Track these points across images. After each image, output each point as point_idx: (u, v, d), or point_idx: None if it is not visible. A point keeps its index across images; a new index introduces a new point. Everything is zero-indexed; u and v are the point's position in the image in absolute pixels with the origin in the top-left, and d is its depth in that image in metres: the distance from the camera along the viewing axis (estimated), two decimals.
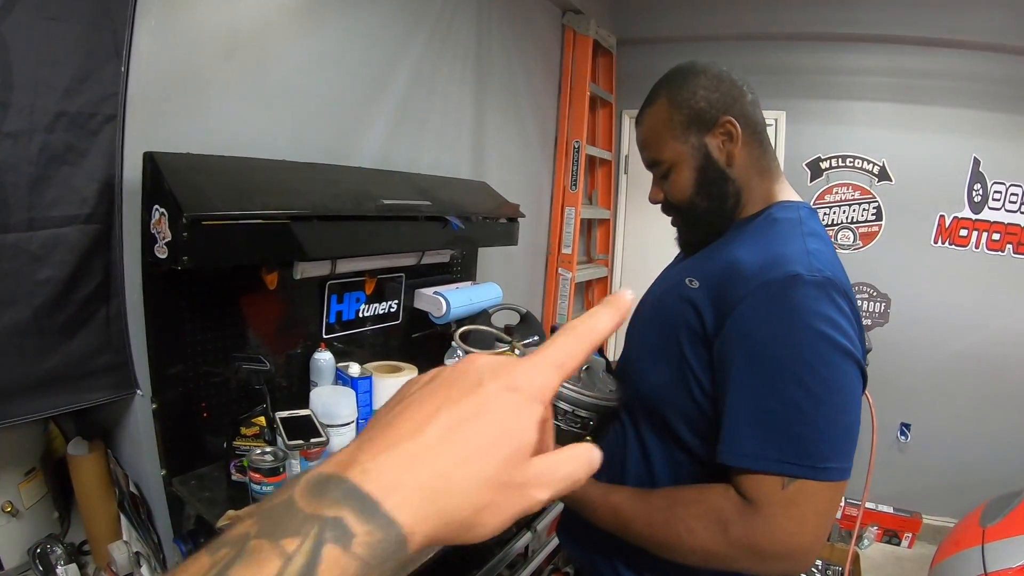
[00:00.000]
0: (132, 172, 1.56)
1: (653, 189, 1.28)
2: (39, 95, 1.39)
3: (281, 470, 1.62)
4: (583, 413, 1.20)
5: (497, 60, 2.90)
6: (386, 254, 2.13)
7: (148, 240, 1.54)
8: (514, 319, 2.61)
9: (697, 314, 1.08)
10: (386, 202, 1.90)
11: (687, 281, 1.14)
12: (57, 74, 1.41)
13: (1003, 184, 3.48)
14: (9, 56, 1.33)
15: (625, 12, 3.89)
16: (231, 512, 1.51)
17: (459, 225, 2.14)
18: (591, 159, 3.83)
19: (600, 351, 1.55)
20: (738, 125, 1.15)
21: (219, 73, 1.76)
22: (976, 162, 3.50)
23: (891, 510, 3.71)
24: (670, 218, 1.30)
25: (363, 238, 1.91)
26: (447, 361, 2.37)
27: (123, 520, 1.79)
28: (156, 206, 1.50)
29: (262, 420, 1.73)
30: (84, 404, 1.60)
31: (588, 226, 4.02)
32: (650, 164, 1.25)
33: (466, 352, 2.06)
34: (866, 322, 3.72)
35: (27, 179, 1.40)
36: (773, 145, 1.26)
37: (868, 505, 3.66)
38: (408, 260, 2.26)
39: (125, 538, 1.79)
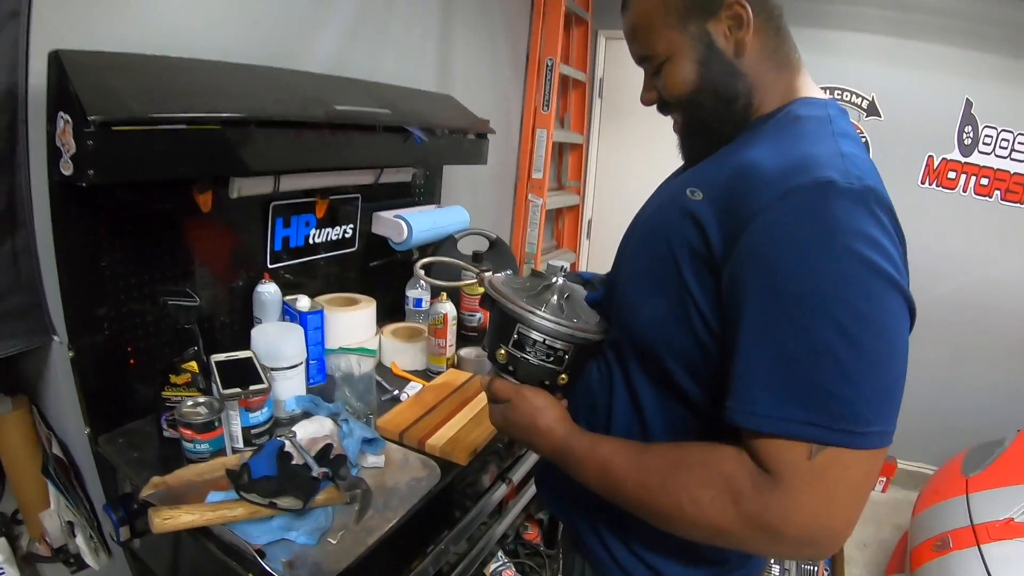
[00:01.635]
0: (38, 78, 1.29)
1: (644, 86, 1.05)
2: None
3: (216, 424, 1.39)
4: (558, 344, 0.99)
5: None
6: (339, 170, 1.84)
7: (54, 156, 1.26)
8: (483, 246, 2.37)
9: (700, 231, 0.86)
10: (339, 108, 1.61)
11: (688, 192, 0.91)
12: None
13: (994, 128, 3.33)
14: None
15: None
16: (156, 479, 1.27)
17: (422, 138, 1.87)
18: (564, 80, 3.54)
19: (585, 280, 1.31)
20: (748, 7, 0.91)
21: None
22: (968, 104, 3.33)
23: None
24: (673, 122, 1.07)
25: (311, 149, 1.62)
26: (408, 293, 2.13)
27: (50, 486, 1.55)
28: (61, 113, 1.21)
29: (194, 365, 1.47)
30: None
31: (560, 151, 3.76)
32: (640, 59, 1.03)
33: (429, 285, 1.82)
34: None
35: None
36: None
37: None
38: (365, 178, 1.98)
39: (53, 506, 1.56)
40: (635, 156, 3.70)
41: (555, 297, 1.04)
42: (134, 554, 1.57)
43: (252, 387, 1.44)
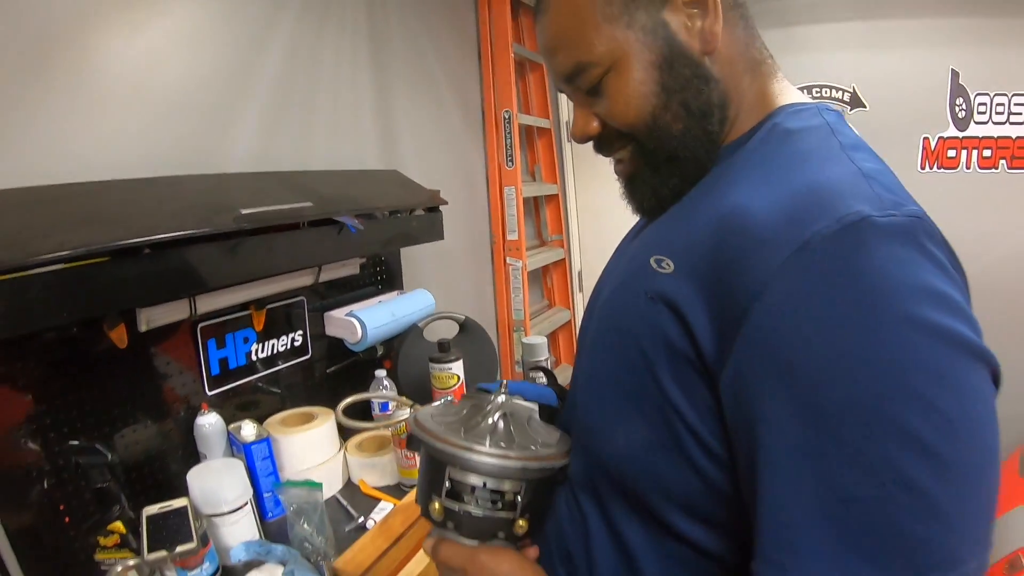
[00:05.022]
0: None
1: (578, 116, 0.80)
2: None
3: None
4: (505, 486, 0.76)
5: (396, 28, 2.42)
6: (267, 278, 1.67)
7: None
8: (453, 330, 2.18)
9: (679, 321, 0.63)
10: (246, 212, 1.44)
11: (652, 263, 0.68)
12: None
13: (987, 95, 3.10)
14: None
15: None
16: None
17: (355, 227, 1.69)
18: (527, 130, 3.38)
19: (546, 372, 1.10)
20: None
21: (25, 86, 1.33)
22: (955, 75, 3.12)
23: None
24: (613, 164, 0.83)
25: (225, 262, 1.45)
26: (373, 399, 1.94)
27: None
28: None
29: (120, 525, 1.30)
30: None
31: (535, 205, 3.57)
32: (570, 75, 0.76)
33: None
34: None
35: None
36: None
37: None
38: (303, 279, 1.80)
39: None
40: (617, 197, 3.42)
41: (499, 422, 0.81)
42: None
43: (179, 548, 1.25)
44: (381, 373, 1.89)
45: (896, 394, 0.51)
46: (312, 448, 1.71)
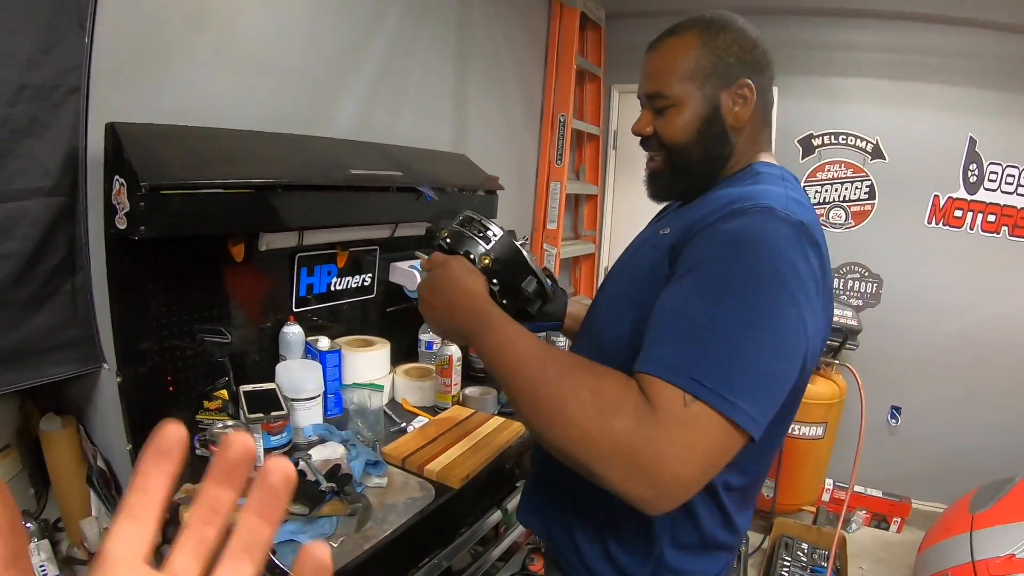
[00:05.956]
0: (96, 144, 1.52)
1: (643, 118, 1.18)
2: (0, 67, 1.34)
3: None
4: (494, 228, 1.20)
5: (479, 30, 2.83)
6: (356, 226, 2.07)
7: (110, 211, 1.50)
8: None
9: (666, 257, 1.02)
10: (355, 172, 1.85)
11: (660, 232, 1.10)
12: (19, 45, 1.36)
13: (999, 165, 3.40)
14: None
15: None
16: (187, 486, 1.48)
17: (432, 196, 2.09)
18: (578, 134, 3.77)
19: (550, 274, 1.49)
20: (755, 92, 1.11)
21: (186, 42, 1.72)
22: (972, 142, 3.42)
23: (880, 494, 3.66)
24: (647, 159, 1.23)
25: (331, 209, 1.86)
26: (421, 336, 2.35)
27: (92, 496, 1.76)
28: (116, 176, 1.46)
29: (224, 394, 1.70)
30: (49, 378, 1.56)
31: (575, 202, 3.96)
32: (651, 95, 1.14)
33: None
34: (857, 303, 3.69)
35: None
36: None
37: (857, 489, 3.60)
38: (382, 232, 2.21)
39: (95, 514, 1.76)
40: (649, 204, 3.72)
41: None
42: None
43: (274, 413, 1.65)
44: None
45: (740, 286, 0.88)
46: (370, 366, 2.13)
